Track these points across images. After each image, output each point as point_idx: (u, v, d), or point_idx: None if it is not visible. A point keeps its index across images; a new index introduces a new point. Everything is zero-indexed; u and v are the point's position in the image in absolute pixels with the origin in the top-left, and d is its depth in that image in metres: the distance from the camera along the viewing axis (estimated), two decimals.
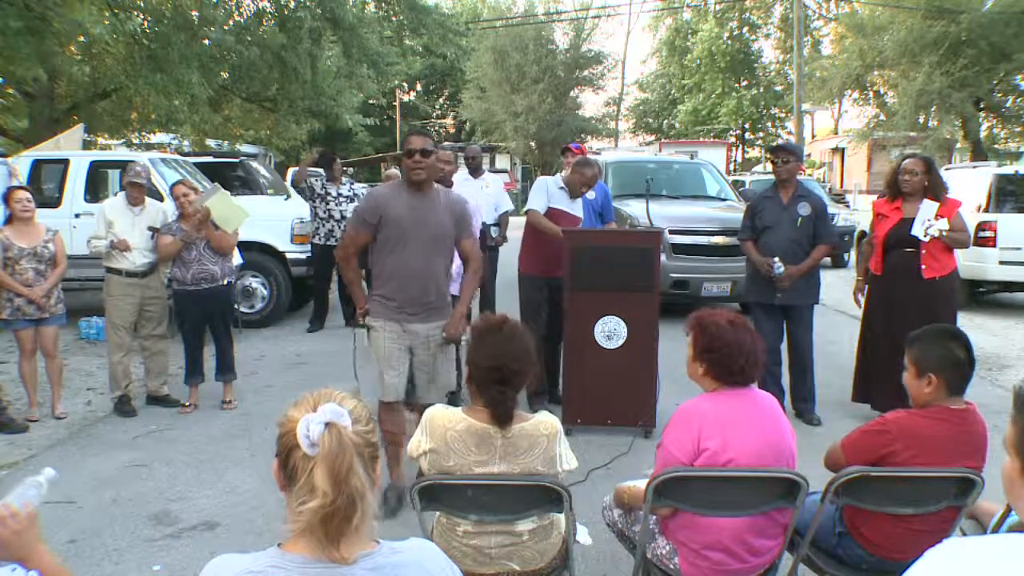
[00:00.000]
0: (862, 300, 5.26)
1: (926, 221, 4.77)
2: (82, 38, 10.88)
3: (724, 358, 2.30)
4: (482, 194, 6.90)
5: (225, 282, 5.42)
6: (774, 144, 5.44)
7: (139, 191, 5.38)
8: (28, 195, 5.21)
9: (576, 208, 5.34)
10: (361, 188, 8.36)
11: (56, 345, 5.33)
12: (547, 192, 5.28)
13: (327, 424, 1.25)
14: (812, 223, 4.97)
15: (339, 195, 8.04)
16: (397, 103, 42.61)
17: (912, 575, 1.03)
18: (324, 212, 8.03)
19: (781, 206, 5.03)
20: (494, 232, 6.94)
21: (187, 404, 5.45)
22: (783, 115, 38.61)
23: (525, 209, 5.40)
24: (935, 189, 4.89)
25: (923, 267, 4.84)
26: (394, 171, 8.77)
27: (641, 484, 2.46)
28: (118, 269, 5.31)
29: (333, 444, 1.24)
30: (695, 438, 2.23)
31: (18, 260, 5.05)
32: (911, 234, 4.82)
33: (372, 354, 3.82)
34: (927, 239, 4.78)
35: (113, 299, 5.32)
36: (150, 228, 5.37)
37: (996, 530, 2.32)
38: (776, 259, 4.90)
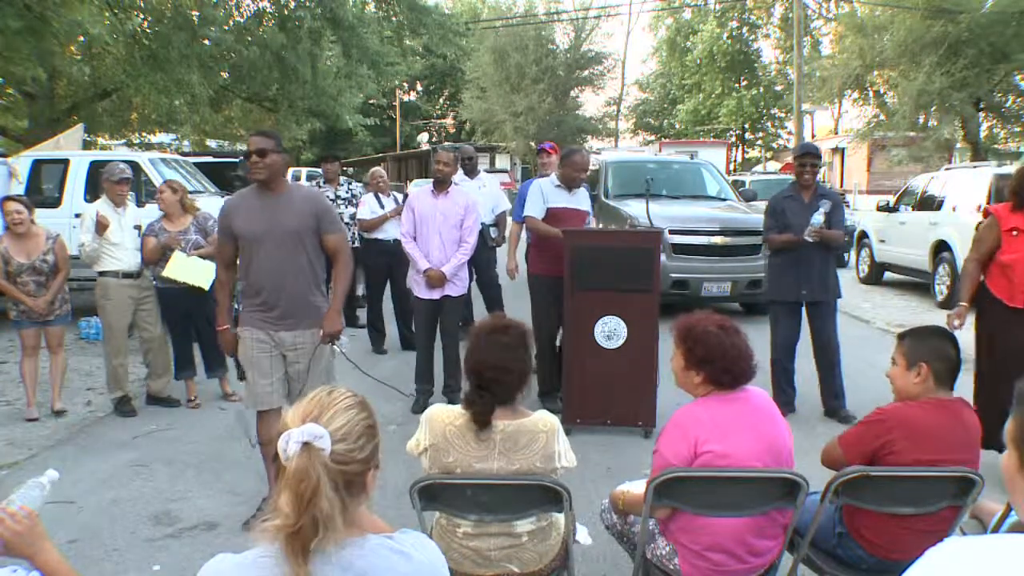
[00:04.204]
0: (957, 325, 4.12)
1: None
2: (82, 38, 10.88)
3: (727, 364, 2.30)
4: (479, 194, 6.89)
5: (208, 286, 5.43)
6: (802, 150, 5.41)
7: (125, 186, 5.36)
8: (20, 206, 5.10)
9: (577, 201, 5.34)
10: (359, 188, 8.25)
11: (62, 342, 5.40)
12: (542, 195, 5.27)
13: (303, 444, 1.23)
14: (829, 216, 5.04)
15: (337, 197, 7.75)
16: (397, 103, 42.65)
17: (912, 575, 1.03)
18: None
19: (803, 206, 5.14)
20: (493, 233, 6.92)
21: (192, 398, 5.51)
22: (783, 115, 38.63)
23: (523, 215, 5.41)
24: None
25: None
26: (378, 170, 8.62)
27: (637, 487, 2.46)
28: (114, 271, 5.29)
29: (300, 467, 1.22)
30: (691, 445, 2.23)
31: (18, 274, 5.08)
32: None
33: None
34: None
35: (110, 302, 5.30)
36: (136, 227, 5.38)
37: (996, 530, 2.32)
38: (820, 209, 4.92)
